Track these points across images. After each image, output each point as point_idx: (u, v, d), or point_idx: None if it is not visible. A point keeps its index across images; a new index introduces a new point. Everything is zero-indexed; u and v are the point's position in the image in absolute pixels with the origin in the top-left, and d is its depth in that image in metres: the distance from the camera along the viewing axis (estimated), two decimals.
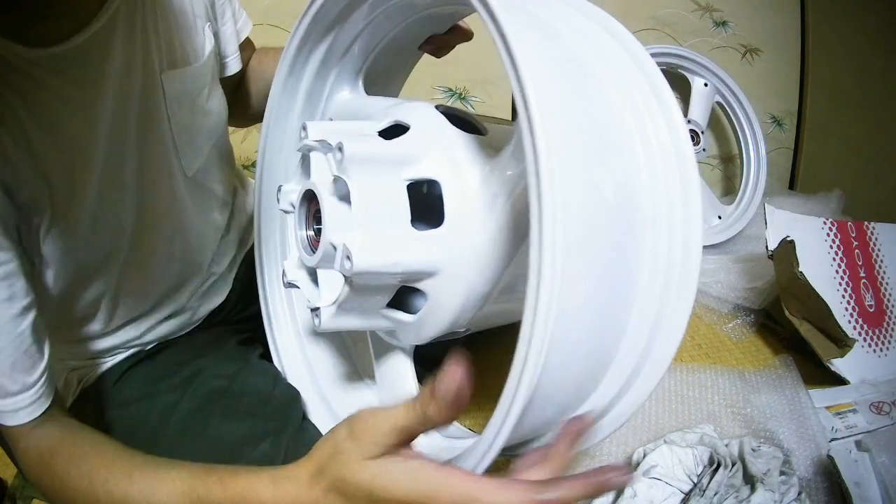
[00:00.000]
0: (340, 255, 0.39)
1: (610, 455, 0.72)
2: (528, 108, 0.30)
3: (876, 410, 0.79)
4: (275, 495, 0.36)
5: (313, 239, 0.47)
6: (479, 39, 0.55)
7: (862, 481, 0.63)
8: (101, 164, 0.50)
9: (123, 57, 0.49)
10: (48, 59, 0.43)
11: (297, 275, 0.49)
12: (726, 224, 1.39)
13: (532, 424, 0.37)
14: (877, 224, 1.07)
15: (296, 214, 0.47)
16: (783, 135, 1.66)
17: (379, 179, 0.41)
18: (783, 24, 1.59)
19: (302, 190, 0.46)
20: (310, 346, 0.64)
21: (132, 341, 0.62)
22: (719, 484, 0.62)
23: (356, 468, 0.32)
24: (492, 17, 0.32)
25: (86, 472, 0.42)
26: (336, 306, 0.44)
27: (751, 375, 0.88)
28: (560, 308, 0.29)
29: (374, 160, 0.41)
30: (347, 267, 0.39)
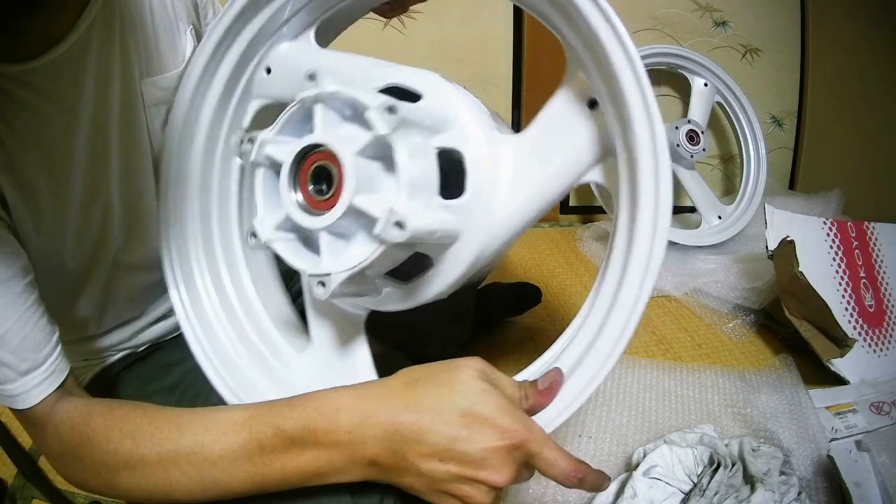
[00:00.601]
0: (385, 221, 0.38)
1: (610, 455, 0.72)
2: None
3: (876, 410, 0.79)
4: (355, 395, 0.38)
5: (312, 199, 0.43)
6: (479, 39, 0.54)
7: (862, 481, 0.63)
8: (83, 174, 0.50)
9: (99, 69, 0.49)
10: (22, 75, 0.44)
11: (274, 235, 0.44)
12: (726, 224, 1.39)
13: None
14: (877, 224, 1.07)
15: (286, 170, 0.43)
16: (783, 135, 1.66)
17: (417, 145, 0.41)
18: (783, 24, 1.60)
19: (303, 143, 0.43)
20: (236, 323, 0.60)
21: (123, 343, 0.62)
22: (719, 484, 0.62)
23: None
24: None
25: (128, 432, 0.40)
26: (347, 274, 0.41)
27: (751, 375, 0.88)
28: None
29: (414, 124, 0.40)
30: (395, 234, 0.38)
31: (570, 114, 0.44)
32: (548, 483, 0.68)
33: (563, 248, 1.40)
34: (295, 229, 0.45)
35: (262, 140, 0.44)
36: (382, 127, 0.39)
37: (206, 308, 0.59)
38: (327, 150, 0.42)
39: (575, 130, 0.44)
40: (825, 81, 1.59)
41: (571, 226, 1.57)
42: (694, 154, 1.36)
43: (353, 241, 0.43)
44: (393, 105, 0.39)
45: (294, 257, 0.44)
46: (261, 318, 0.61)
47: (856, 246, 1.03)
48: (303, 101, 0.43)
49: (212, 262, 0.59)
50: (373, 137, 0.40)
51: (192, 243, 0.58)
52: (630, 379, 0.86)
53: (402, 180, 0.39)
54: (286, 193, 0.43)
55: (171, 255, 0.57)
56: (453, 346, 0.87)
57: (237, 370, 0.57)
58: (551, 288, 1.15)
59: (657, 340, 1.03)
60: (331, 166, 0.42)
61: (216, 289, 0.59)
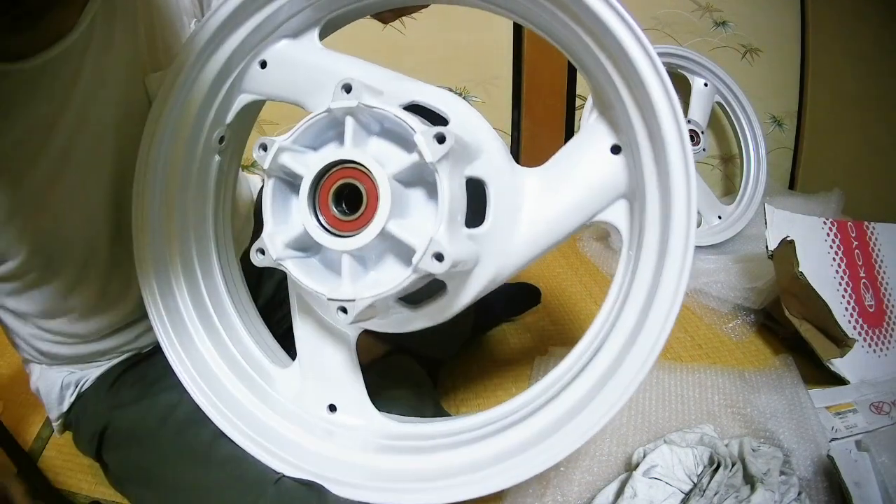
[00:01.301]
0: (425, 251, 0.37)
1: (610, 455, 0.72)
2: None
3: (876, 410, 0.79)
4: None
5: (336, 219, 0.41)
6: (479, 39, 0.54)
7: (862, 481, 0.63)
8: (78, 169, 0.50)
9: (96, 66, 0.49)
10: (18, 73, 0.44)
11: (286, 253, 0.43)
12: (726, 224, 1.39)
13: None
14: (877, 224, 1.07)
15: (306, 185, 0.41)
16: (783, 135, 1.66)
17: (455, 174, 0.40)
18: (783, 24, 1.59)
19: (329, 159, 0.40)
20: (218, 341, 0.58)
21: (126, 345, 0.62)
22: (719, 484, 0.62)
23: None
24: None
25: None
26: (372, 300, 0.39)
27: (751, 375, 0.88)
28: None
29: (455, 154, 0.39)
30: (435, 266, 0.37)
31: (592, 155, 0.44)
32: (548, 483, 0.68)
33: (563, 247, 1.40)
34: (308, 247, 0.43)
35: (278, 147, 0.41)
36: (430, 155, 0.37)
37: (187, 324, 0.57)
38: (358, 167, 0.40)
39: (595, 171, 0.44)
40: (825, 81, 1.59)
41: None
42: (694, 154, 1.36)
43: (376, 266, 0.41)
44: (442, 134, 0.38)
45: (309, 279, 0.41)
46: (240, 333, 0.59)
47: (856, 246, 1.03)
48: (332, 111, 0.41)
49: (189, 275, 0.58)
50: (414, 162, 0.38)
51: (168, 253, 0.57)
52: None
53: (444, 210, 0.38)
54: (305, 209, 0.41)
55: (147, 266, 0.56)
56: (453, 346, 0.87)
57: (221, 387, 0.56)
58: (551, 288, 1.15)
59: None
60: (360, 185, 0.40)
61: (193, 302, 0.58)
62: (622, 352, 0.42)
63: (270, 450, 0.53)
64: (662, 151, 0.39)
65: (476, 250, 0.42)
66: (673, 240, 0.40)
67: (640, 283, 0.42)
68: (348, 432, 0.53)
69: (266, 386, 0.57)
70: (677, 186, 0.39)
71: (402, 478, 0.48)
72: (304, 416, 0.54)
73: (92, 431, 0.60)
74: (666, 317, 0.40)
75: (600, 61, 0.41)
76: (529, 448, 0.45)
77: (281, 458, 0.52)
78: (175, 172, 0.55)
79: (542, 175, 0.45)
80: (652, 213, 0.41)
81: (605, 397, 0.42)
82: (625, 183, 0.43)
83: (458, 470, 0.47)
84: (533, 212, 0.44)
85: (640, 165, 0.41)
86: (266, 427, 0.54)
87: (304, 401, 0.55)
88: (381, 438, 0.51)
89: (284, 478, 0.51)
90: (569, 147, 0.45)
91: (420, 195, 0.41)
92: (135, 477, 0.59)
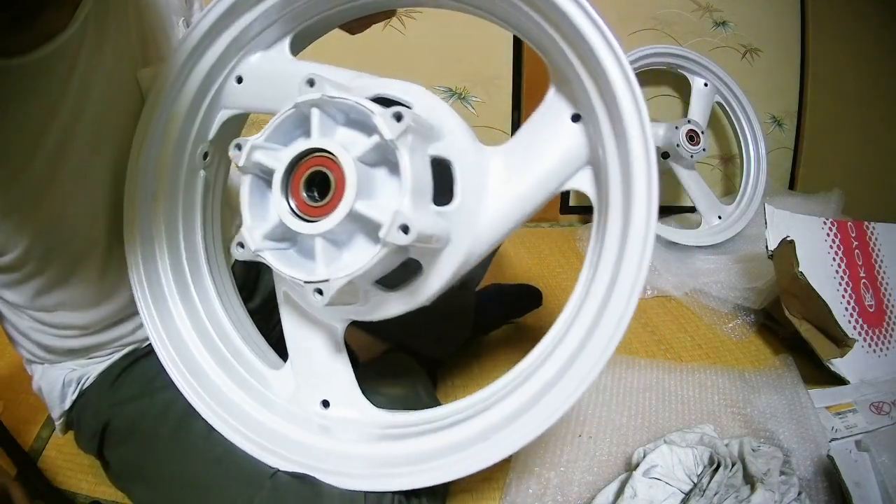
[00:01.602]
0: (391, 224, 0.38)
1: (610, 455, 0.72)
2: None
3: (876, 410, 0.79)
4: None
5: (307, 205, 0.42)
6: (479, 40, 0.55)
7: (862, 481, 0.63)
8: (75, 163, 0.51)
9: (90, 64, 0.50)
10: (15, 69, 0.44)
11: (264, 245, 0.44)
12: (726, 224, 1.39)
13: None
14: (877, 224, 1.07)
15: (279, 176, 0.43)
16: (783, 135, 1.66)
17: (417, 152, 0.42)
18: (783, 24, 1.60)
19: (298, 149, 0.43)
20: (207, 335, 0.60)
21: (125, 337, 0.62)
22: (719, 484, 0.62)
23: None
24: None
25: None
26: (347, 279, 0.41)
27: (751, 375, 0.88)
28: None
29: (415, 133, 0.41)
30: (401, 237, 0.38)
31: (554, 126, 0.46)
32: (548, 483, 0.68)
33: (563, 248, 1.40)
34: (285, 238, 0.45)
35: (251, 146, 0.44)
36: (388, 132, 0.39)
37: (180, 328, 0.59)
38: (325, 155, 0.42)
39: (558, 142, 0.46)
40: (825, 81, 1.59)
41: (571, 226, 1.57)
42: (694, 154, 1.36)
43: (349, 247, 0.43)
44: (399, 112, 0.40)
45: (286, 266, 0.43)
46: (231, 336, 0.61)
47: (856, 246, 1.03)
48: (299, 104, 0.43)
49: (180, 279, 0.59)
50: (376, 142, 0.40)
51: (159, 260, 0.58)
52: (630, 379, 0.86)
53: (406, 184, 0.40)
54: (279, 199, 0.43)
55: (139, 270, 0.57)
56: (453, 346, 0.87)
57: (216, 389, 0.57)
58: (552, 288, 1.15)
59: (657, 340, 1.03)
60: (328, 171, 0.41)
61: (185, 307, 0.59)
62: (595, 317, 0.44)
63: (264, 445, 0.53)
64: (619, 117, 0.41)
65: (446, 227, 0.43)
66: (636, 201, 0.41)
67: (609, 248, 0.44)
68: (343, 425, 0.54)
69: (260, 387, 0.58)
70: (635, 149, 0.41)
71: (393, 463, 0.50)
72: (300, 413, 0.55)
73: (93, 429, 0.61)
74: (636, 274, 0.41)
75: (555, 41, 0.43)
76: (506, 426, 0.47)
77: (274, 453, 0.53)
78: (162, 188, 0.57)
79: (507, 152, 0.47)
80: (614, 177, 0.43)
81: (579, 368, 0.44)
82: (587, 150, 0.45)
83: (445, 451, 0.48)
84: (501, 188, 0.46)
85: (600, 132, 0.43)
86: (262, 426, 0.55)
87: (298, 399, 0.56)
88: (375, 428, 0.52)
89: (280, 472, 0.52)
90: (531, 122, 0.47)
91: (385, 175, 0.43)
92: (135, 474, 0.60)
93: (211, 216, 0.62)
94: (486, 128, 1.46)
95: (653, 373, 0.88)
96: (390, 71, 0.49)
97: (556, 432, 0.75)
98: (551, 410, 0.44)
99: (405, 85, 0.47)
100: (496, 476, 0.70)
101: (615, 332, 0.42)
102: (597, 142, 0.44)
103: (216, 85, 0.55)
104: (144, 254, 0.57)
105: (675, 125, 1.38)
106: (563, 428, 0.76)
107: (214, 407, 0.56)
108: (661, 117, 1.54)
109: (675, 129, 1.37)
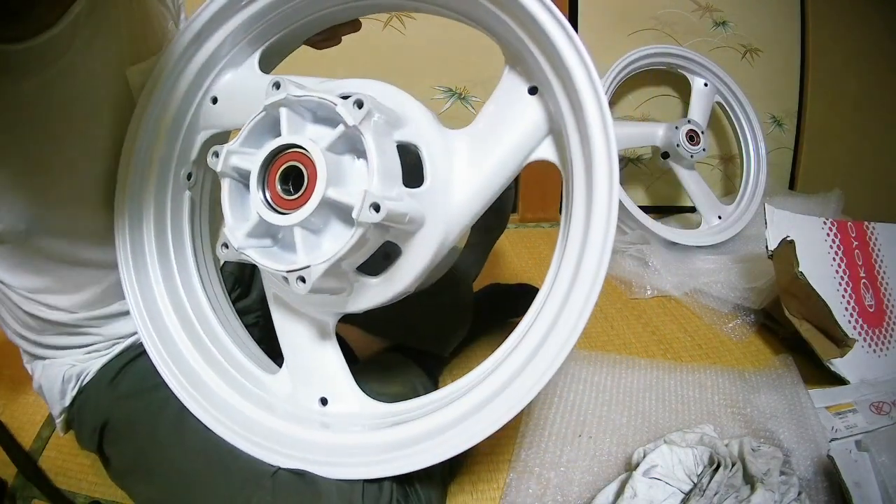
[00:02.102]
0: (362, 203, 0.40)
1: (610, 455, 0.72)
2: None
3: (876, 410, 0.79)
4: None
5: (282, 199, 0.45)
6: (479, 40, 0.55)
7: (862, 481, 0.63)
8: (78, 157, 0.53)
9: (83, 58, 0.51)
10: (11, 54, 0.46)
11: (246, 243, 0.46)
12: (726, 224, 1.39)
13: None
14: (877, 224, 1.07)
15: (255, 175, 0.45)
16: (783, 135, 1.66)
17: (382, 137, 0.44)
18: (783, 24, 1.60)
19: (269, 147, 0.45)
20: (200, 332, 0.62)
21: (129, 335, 0.62)
22: (719, 484, 0.62)
23: None
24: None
25: None
26: (327, 264, 0.43)
27: (751, 375, 0.88)
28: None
29: (377, 119, 0.44)
30: (372, 215, 0.40)
31: (513, 101, 0.48)
32: (548, 483, 0.68)
33: None
34: (267, 235, 0.47)
35: (227, 151, 0.46)
36: (351, 119, 0.42)
37: (171, 332, 0.60)
38: (297, 150, 0.44)
39: (519, 116, 0.48)
40: (825, 81, 1.59)
41: None
42: (694, 154, 1.36)
43: (326, 234, 0.45)
44: (360, 99, 0.42)
45: (269, 261, 0.45)
46: (226, 344, 0.62)
47: (856, 246, 1.03)
48: (267, 107, 0.45)
49: (170, 283, 0.61)
50: (342, 131, 0.43)
51: (150, 269, 0.60)
52: (630, 379, 0.86)
53: (373, 165, 0.42)
54: (256, 197, 0.45)
55: (131, 277, 0.59)
56: (451, 345, 0.87)
57: (209, 391, 0.58)
58: None
59: (657, 340, 1.03)
60: (301, 165, 0.44)
61: (176, 312, 0.61)
62: (570, 282, 0.45)
63: (262, 444, 0.54)
64: (572, 85, 0.43)
65: (418, 207, 0.45)
66: (596, 160, 0.43)
67: (576, 213, 0.45)
68: (342, 420, 0.54)
69: (258, 390, 0.59)
70: (591, 115, 0.43)
71: (388, 449, 0.50)
72: (299, 413, 0.55)
73: (93, 425, 0.61)
74: (605, 232, 0.43)
75: (504, 21, 0.45)
76: (486, 405, 0.47)
77: (272, 450, 0.53)
78: (148, 211, 0.59)
79: (471, 132, 0.49)
80: (574, 142, 0.45)
81: (551, 345, 0.45)
82: (546, 120, 0.47)
83: (440, 430, 0.49)
84: (469, 167, 0.48)
85: (556, 101, 0.45)
86: (261, 426, 0.55)
87: (296, 399, 0.56)
88: (375, 419, 0.53)
89: (281, 471, 0.52)
90: (490, 101, 0.49)
91: (354, 163, 0.45)
92: (135, 471, 0.60)
93: (199, 231, 0.65)
94: None
95: (653, 373, 0.88)
96: (390, 72, 0.50)
97: (557, 432, 0.75)
98: (533, 380, 0.45)
99: (365, 82, 0.50)
100: (496, 476, 0.71)
101: (593, 284, 0.43)
102: (555, 110, 0.46)
103: (192, 108, 0.58)
104: (137, 269, 0.59)
105: (675, 125, 1.38)
106: (563, 428, 0.76)
107: (210, 409, 0.56)
108: (661, 117, 1.54)
109: (675, 129, 1.37)
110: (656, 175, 1.55)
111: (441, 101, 1.42)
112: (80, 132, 0.54)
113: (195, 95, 0.58)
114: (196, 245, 0.64)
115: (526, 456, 0.71)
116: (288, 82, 0.45)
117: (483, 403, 0.47)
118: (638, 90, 1.54)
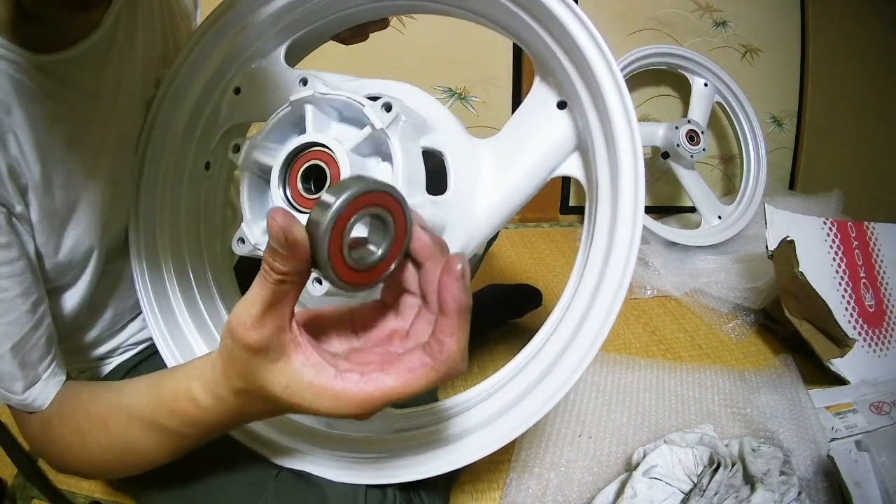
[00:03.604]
0: None
1: (610, 455, 0.72)
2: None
3: (876, 410, 0.79)
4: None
5: (304, 198, 0.44)
6: (479, 40, 0.55)
7: (862, 481, 0.63)
8: (109, 164, 0.51)
9: (122, 62, 0.50)
10: (50, 65, 0.45)
11: (263, 240, 0.45)
12: (726, 224, 1.39)
13: None
14: (877, 224, 1.07)
15: (276, 171, 0.44)
16: (783, 135, 1.67)
17: (408, 142, 0.43)
18: (783, 24, 1.60)
19: (294, 145, 0.44)
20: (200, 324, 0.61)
21: (136, 335, 0.62)
22: (719, 484, 0.62)
23: (267, 378, 0.31)
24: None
25: (75, 429, 0.45)
26: None
27: (751, 375, 0.88)
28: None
29: (405, 124, 0.43)
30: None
31: (541, 115, 0.48)
32: (548, 483, 0.68)
33: (563, 248, 1.40)
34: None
35: (249, 145, 0.45)
36: (378, 122, 0.41)
37: (185, 333, 0.59)
38: (321, 149, 0.43)
39: (546, 130, 0.47)
40: (825, 81, 1.59)
41: (571, 226, 1.57)
42: (694, 154, 1.36)
43: None
44: (388, 102, 0.41)
45: None
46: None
47: (856, 246, 1.03)
48: (293, 103, 0.44)
49: (184, 285, 0.60)
50: (368, 133, 0.42)
51: (164, 269, 0.59)
52: (630, 379, 0.86)
53: (398, 170, 0.41)
54: (276, 194, 0.44)
55: (145, 278, 0.58)
56: None
57: None
58: (552, 288, 1.15)
59: (657, 340, 1.03)
60: (324, 164, 0.43)
61: (191, 313, 0.60)
62: (591, 299, 0.45)
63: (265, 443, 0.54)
64: (602, 101, 0.43)
65: (441, 216, 0.45)
66: (623, 182, 0.42)
67: (600, 230, 0.45)
68: (349, 422, 0.54)
69: None
70: (620, 132, 0.42)
71: (396, 455, 0.50)
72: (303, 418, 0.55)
73: None
74: (629, 250, 0.42)
75: (538, 34, 0.45)
76: (501, 416, 0.47)
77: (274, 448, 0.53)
78: (164, 201, 0.58)
79: (498, 142, 0.49)
80: (601, 161, 0.44)
81: (572, 355, 0.45)
82: (574, 136, 0.47)
83: (449, 440, 0.49)
84: (494, 178, 0.48)
85: (585, 117, 0.45)
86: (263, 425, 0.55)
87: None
88: (378, 423, 0.52)
89: (283, 472, 0.52)
90: (519, 112, 0.49)
91: (378, 166, 0.44)
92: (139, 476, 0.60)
93: (216, 224, 0.63)
94: (486, 128, 1.47)
95: (653, 373, 0.88)
96: (391, 71, 0.50)
97: (557, 432, 0.75)
98: (552, 391, 0.45)
99: (396, 84, 0.49)
100: (496, 476, 0.71)
101: (615, 299, 0.43)
102: (583, 127, 0.45)
103: (215, 96, 0.57)
104: (150, 269, 0.59)
105: (675, 125, 1.38)
106: (563, 428, 0.76)
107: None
108: (661, 117, 1.54)
109: (675, 129, 1.37)
110: (656, 175, 1.55)
111: (441, 101, 1.41)
112: (118, 141, 0.53)
113: (218, 84, 0.56)
114: (211, 242, 0.63)
115: (526, 456, 0.71)
116: (315, 79, 0.44)
117: (494, 416, 0.47)
118: (638, 90, 1.54)
